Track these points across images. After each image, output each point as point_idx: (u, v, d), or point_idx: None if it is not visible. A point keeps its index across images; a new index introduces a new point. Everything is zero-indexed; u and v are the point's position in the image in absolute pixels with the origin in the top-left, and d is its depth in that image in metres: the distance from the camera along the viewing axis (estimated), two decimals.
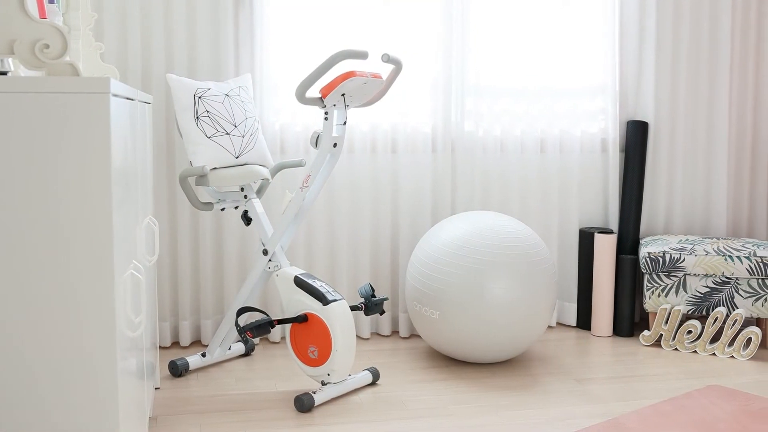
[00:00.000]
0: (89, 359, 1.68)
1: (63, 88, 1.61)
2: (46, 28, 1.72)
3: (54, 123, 1.61)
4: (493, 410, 3.08)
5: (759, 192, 4.39)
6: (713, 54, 4.25)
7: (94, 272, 1.66)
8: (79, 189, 1.63)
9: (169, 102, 3.70)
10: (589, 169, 4.25)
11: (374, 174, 3.97)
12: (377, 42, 3.92)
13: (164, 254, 3.77)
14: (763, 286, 3.80)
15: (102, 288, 1.67)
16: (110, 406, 1.70)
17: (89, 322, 1.67)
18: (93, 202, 1.64)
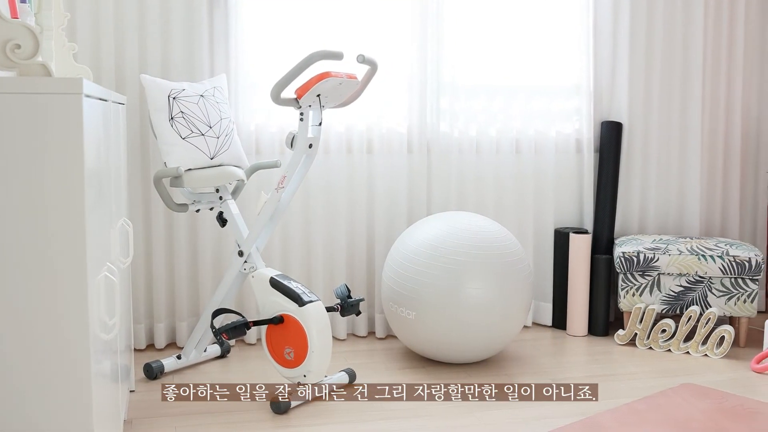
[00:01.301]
0: (62, 362, 1.66)
1: (35, 89, 1.59)
2: (18, 28, 1.70)
3: (25, 124, 1.60)
4: (469, 410, 3.08)
5: (731, 192, 4.43)
6: (686, 55, 4.28)
7: (67, 274, 1.64)
8: (51, 191, 1.62)
9: (143, 103, 3.67)
10: (564, 169, 4.27)
11: (350, 175, 3.96)
12: (352, 43, 3.91)
13: (139, 256, 3.75)
14: (735, 285, 3.83)
15: (75, 290, 1.65)
16: (84, 410, 1.68)
17: (62, 325, 1.65)
18: (66, 203, 1.63)
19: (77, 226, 1.64)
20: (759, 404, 3.11)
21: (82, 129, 1.62)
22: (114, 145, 2.50)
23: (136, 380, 3.40)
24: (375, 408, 3.11)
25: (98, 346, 1.83)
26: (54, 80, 1.60)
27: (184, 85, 3.26)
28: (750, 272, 3.80)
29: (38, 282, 1.64)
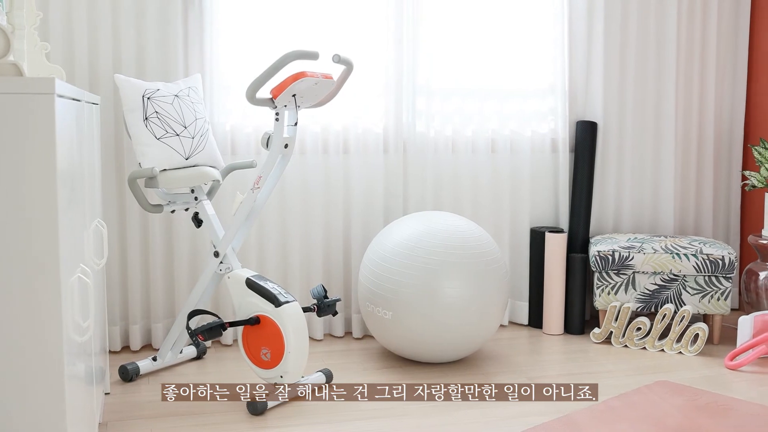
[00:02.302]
0: (35, 364, 1.65)
1: (6, 89, 1.58)
2: None
3: None
4: (446, 410, 3.09)
5: (705, 190, 4.46)
6: (659, 55, 4.31)
7: (40, 276, 1.63)
8: (23, 192, 1.60)
9: (117, 103, 3.65)
10: (539, 169, 4.28)
11: (326, 175, 3.96)
12: (328, 43, 3.91)
13: (113, 257, 3.73)
14: (709, 283, 3.86)
15: (48, 292, 1.64)
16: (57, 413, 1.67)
17: (35, 327, 1.64)
18: (38, 204, 1.61)
19: (50, 227, 1.63)
20: (732, 401, 3.14)
21: (55, 129, 1.61)
22: (87, 146, 2.48)
23: (112, 382, 3.38)
24: (352, 408, 3.10)
25: (72, 348, 1.82)
26: (26, 80, 1.58)
27: (158, 85, 3.24)
28: (723, 270, 3.83)
29: (10, 284, 1.62)
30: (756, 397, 3.22)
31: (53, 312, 1.65)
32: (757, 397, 3.21)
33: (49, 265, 1.63)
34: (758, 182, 3.93)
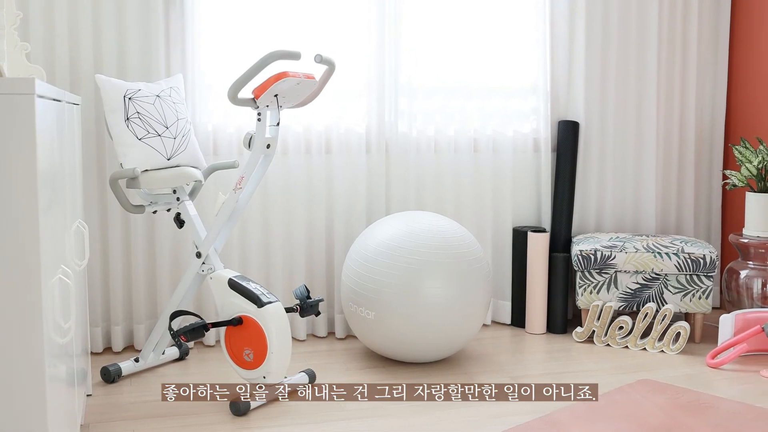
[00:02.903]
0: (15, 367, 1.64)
1: None
2: None
3: None
4: (429, 409, 3.09)
5: (686, 190, 4.49)
6: (641, 56, 4.33)
7: (20, 277, 1.62)
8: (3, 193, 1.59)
9: (98, 103, 3.63)
10: (521, 168, 4.29)
11: (308, 175, 3.95)
12: (310, 43, 3.90)
13: (95, 258, 3.71)
14: (691, 282, 3.88)
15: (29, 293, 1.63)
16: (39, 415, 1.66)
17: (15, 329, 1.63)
18: (18, 205, 1.60)
19: (30, 228, 1.62)
20: (714, 399, 3.16)
21: (35, 130, 1.60)
22: (68, 146, 2.46)
23: (93, 384, 3.36)
24: (335, 408, 3.10)
25: (53, 349, 1.81)
26: (5, 80, 1.57)
27: (140, 85, 3.23)
28: (705, 269, 3.85)
29: None
30: (737, 395, 3.25)
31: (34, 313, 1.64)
32: (738, 395, 3.24)
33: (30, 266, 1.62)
34: (739, 181, 3.96)
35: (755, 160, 3.88)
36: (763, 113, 4.34)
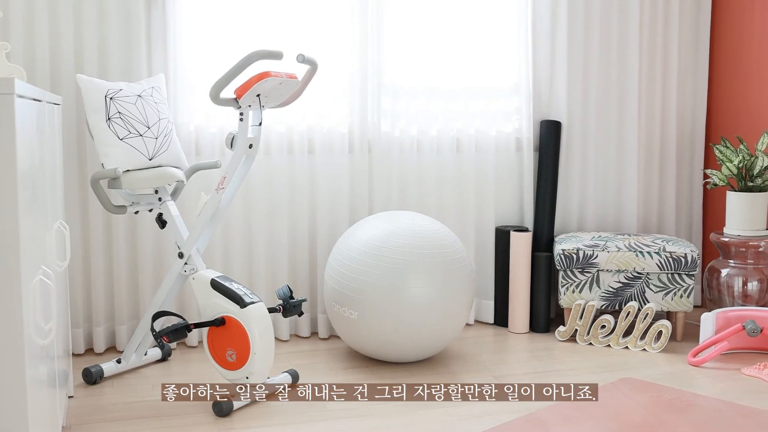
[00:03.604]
0: None
1: None
2: None
3: None
4: (412, 409, 3.09)
5: (668, 189, 4.51)
6: (622, 55, 4.35)
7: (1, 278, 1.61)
8: None
9: (79, 103, 3.61)
10: (504, 168, 4.30)
11: (291, 175, 3.95)
12: (292, 42, 3.90)
13: (76, 259, 3.69)
14: (672, 281, 3.90)
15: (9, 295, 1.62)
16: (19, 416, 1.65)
17: None
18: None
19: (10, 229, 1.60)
20: (695, 397, 3.18)
21: (15, 130, 1.59)
22: (49, 147, 2.45)
23: (75, 385, 3.34)
24: (318, 408, 3.10)
25: (34, 351, 1.79)
26: None
27: (121, 85, 3.21)
28: (686, 268, 3.87)
29: None
30: (718, 393, 3.26)
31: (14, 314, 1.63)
32: (720, 393, 3.26)
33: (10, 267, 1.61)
34: (720, 180, 3.98)
35: (736, 159, 3.90)
36: (743, 113, 4.37)
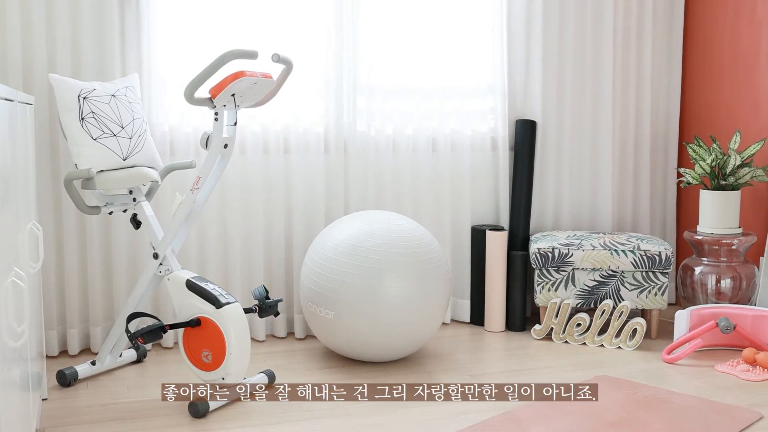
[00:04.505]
0: None
1: None
2: None
3: None
4: (389, 408, 3.09)
5: (642, 188, 4.54)
6: (597, 56, 4.37)
7: None
8: None
9: (52, 103, 3.58)
10: (480, 167, 4.31)
11: (266, 175, 3.94)
12: (267, 41, 3.89)
13: (50, 260, 3.66)
14: (647, 279, 3.93)
15: None
16: None
17: None
18: None
19: None
20: (670, 394, 3.20)
21: None
22: (21, 147, 2.43)
23: (49, 388, 3.32)
24: (295, 409, 3.09)
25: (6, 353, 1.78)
26: None
27: (94, 84, 3.19)
28: (660, 266, 3.90)
29: None
30: (693, 389, 3.29)
31: None
32: (694, 390, 3.28)
33: None
34: (693, 179, 4.01)
35: (709, 158, 3.93)
36: (716, 112, 4.41)
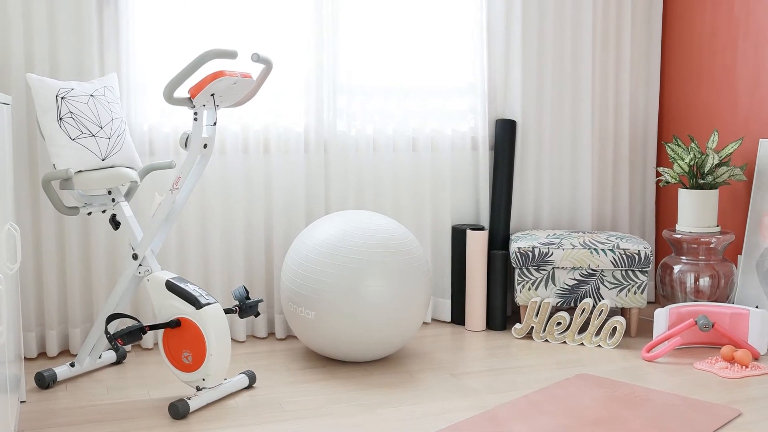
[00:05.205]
0: None
1: None
2: None
3: None
4: (370, 408, 3.09)
5: (621, 187, 4.57)
6: (576, 56, 4.39)
7: None
8: None
9: (29, 103, 3.56)
10: (460, 167, 4.32)
11: (247, 175, 3.93)
12: (247, 41, 3.87)
13: (28, 261, 3.63)
14: (626, 277, 3.95)
15: None
16: None
17: None
18: None
19: None
20: (649, 391, 3.22)
21: None
22: None
23: (28, 390, 3.29)
24: (275, 409, 3.08)
25: None
26: None
27: (72, 84, 3.17)
28: (639, 264, 3.92)
29: None
30: (672, 387, 3.31)
31: None
32: (673, 388, 3.30)
33: None
34: (672, 178, 4.03)
35: (687, 157, 3.96)
36: (694, 112, 4.44)
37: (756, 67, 4.04)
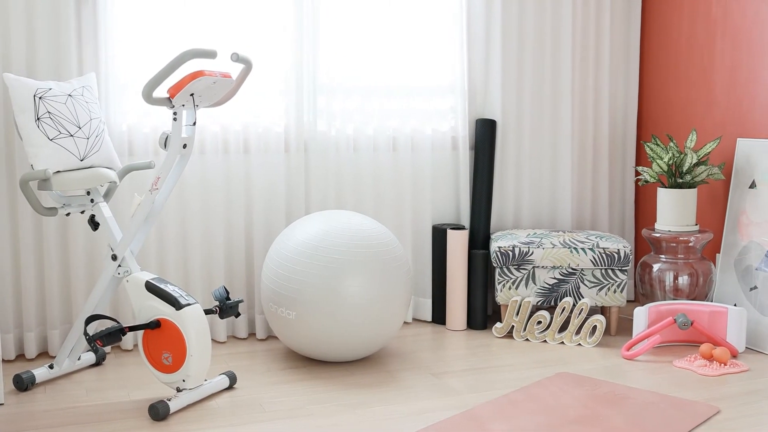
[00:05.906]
0: None
1: None
2: None
3: None
4: (351, 408, 3.09)
5: (601, 186, 4.59)
6: (556, 55, 4.41)
7: None
8: None
9: (7, 103, 3.53)
10: (440, 166, 4.33)
11: (226, 175, 3.91)
12: (226, 41, 3.86)
13: (5, 262, 3.60)
14: (606, 276, 3.97)
15: None
16: None
17: None
18: None
19: None
20: (629, 389, 3.24)
21: None
22: None
23: (6, 392, 3.27)
24: (256, 410, 3.08)
25: None
26: None
27: (50, 84, 3.15)
28: (619, 263, 3.94)
29: None
30: (651, 385, 3.33)
31: None
32: (653, 386, 3.32)
33: None
34: (651, 177, 4.06)
35: (666, 156, 3.98)
36: (673, 111, 4.46)
37: (733, 67, 4.07)
